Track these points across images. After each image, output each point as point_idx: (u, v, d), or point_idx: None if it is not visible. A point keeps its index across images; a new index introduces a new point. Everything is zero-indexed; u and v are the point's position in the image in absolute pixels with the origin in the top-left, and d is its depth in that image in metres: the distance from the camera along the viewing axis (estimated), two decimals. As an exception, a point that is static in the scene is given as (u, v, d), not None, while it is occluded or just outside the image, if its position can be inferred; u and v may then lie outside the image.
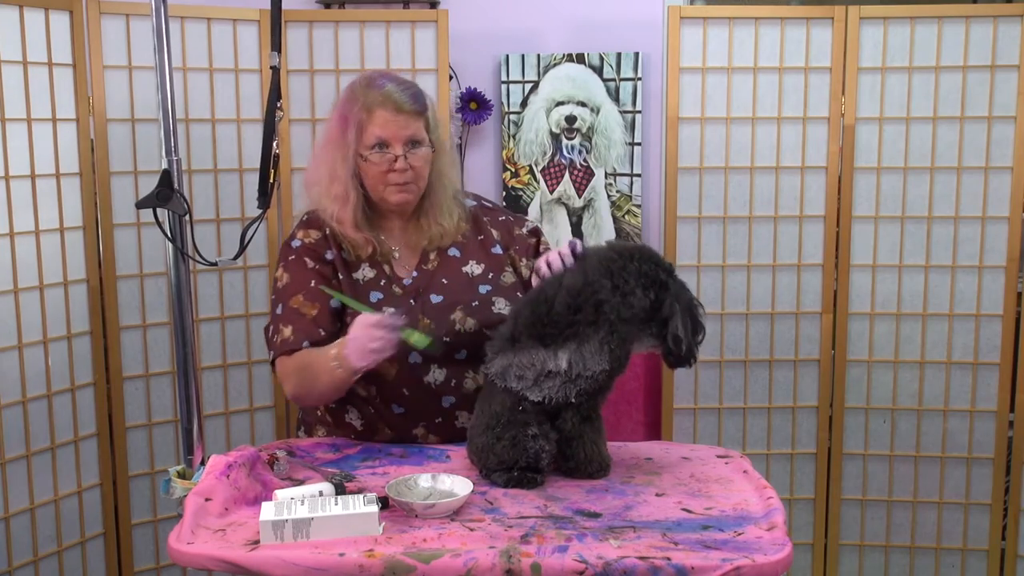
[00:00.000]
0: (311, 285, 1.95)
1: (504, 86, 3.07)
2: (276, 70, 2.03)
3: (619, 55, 3.04)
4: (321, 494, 1.62)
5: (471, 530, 1.53)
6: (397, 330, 1.78)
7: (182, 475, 1.91)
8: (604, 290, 1.68)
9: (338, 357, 1.81)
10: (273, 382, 2.88)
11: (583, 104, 3.06)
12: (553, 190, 3.11)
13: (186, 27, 2.67)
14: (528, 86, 3.07)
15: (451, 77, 2.95)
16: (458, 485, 1.66)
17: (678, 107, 2.82)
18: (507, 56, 3.06)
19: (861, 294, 2.88)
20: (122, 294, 2.67)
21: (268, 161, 2.03)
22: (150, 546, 2.79)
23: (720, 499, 1.67)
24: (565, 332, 1.69)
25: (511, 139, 3.09)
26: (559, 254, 1.82)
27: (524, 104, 3.07)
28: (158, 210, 1.94)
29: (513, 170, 3.11)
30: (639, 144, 3.07)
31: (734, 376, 2.93)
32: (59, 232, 2.55)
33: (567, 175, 3.10)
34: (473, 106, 3.05)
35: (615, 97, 3.06)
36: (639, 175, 3.09)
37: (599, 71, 3.05)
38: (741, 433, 2.95)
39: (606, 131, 3.07)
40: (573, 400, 1.73)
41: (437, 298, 1.96)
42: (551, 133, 3.08)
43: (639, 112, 3.06)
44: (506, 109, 3.08)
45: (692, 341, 1.71)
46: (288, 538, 1.49)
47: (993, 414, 2.86)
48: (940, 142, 2.79)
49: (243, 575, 1.46)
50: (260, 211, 2.03)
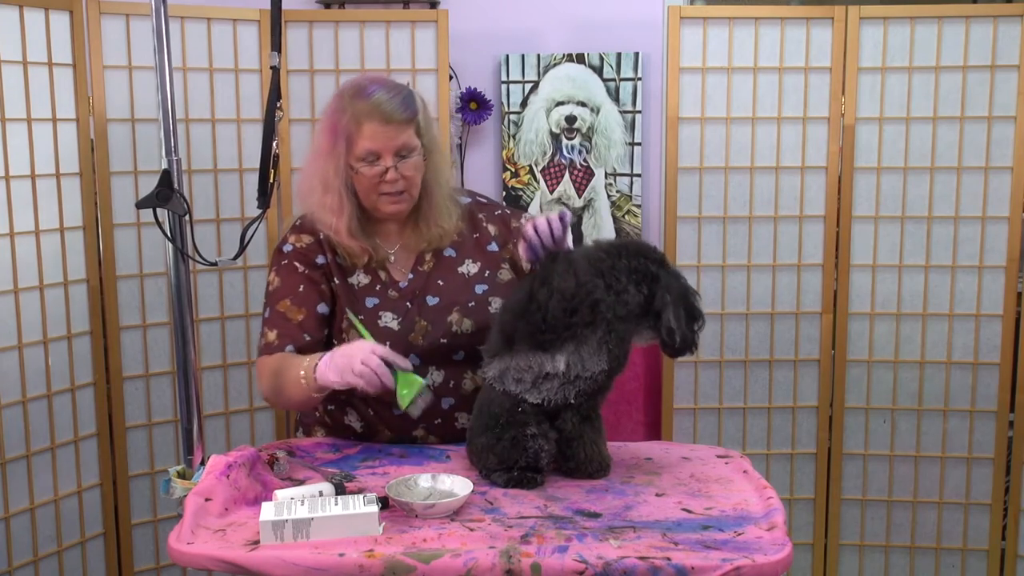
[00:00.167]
0: (299, 290, 1.94)
1: (504, 86, 3.07)
2: (276, 70, 2.03)
3: (619, 55, 3.04)
4: (321, 494, 1.62)
5: (471, 530, 1.53)
6: (394, 371, 1.72)
7: (182, 475, 1.91)
8: (598, 290, 1.68)
9: (306, 375, 1.79)
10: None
11: (583, 104, 3.06)
12: (553, 190, 3.11)
13: (186, 27, 2.67)
14: (528, 86, 3.07)
15: (451, 77, 2.95)
16: (458, 485, 1.66)
17: (678, 107, 2.82)
18: (507, 56, 3.05)
19: (861, 294, 2.88)
20: (122, 294, 2.67)
21: (268, 161, 2.03)
22: (150, 546, 2.79)
23: (720, 499, 1.67)
24: (563, 335, 1.69)
25: (511, 139, 3.09)
26: (547, 220, 1.75)
27: (524, 104, 3.07)
28: (158, 210, 1.94)
29: (513, 170, 3.11)
30: (639, 144, 3.07)
31: (734, 376, 2.93)
32: (59, 232, 2.55)
33: (567, 175, 3.10)
34: (473, 106, 3.05)
35: (615, 97, 3.06)
36: (639, 175, 3.09)
37: (599, 71, 3.05)
38: (741, 433, 2.95)
39: (606, 131, 3.06)
40: (572, 401, 1.72)
41: (433, 300, 1.96)
42: (551, 133, 3.08)
43: (639, 112, 3.06)
44: (506, 109, 3.08)
45: (688, 330, 1.70)
46: (288, 538, 1.49)
47: (993, 414, 2.86)
48: (940, 142, 2.79)
49: (243, 575, 1.46)
50: (260, 211, 2.03)
